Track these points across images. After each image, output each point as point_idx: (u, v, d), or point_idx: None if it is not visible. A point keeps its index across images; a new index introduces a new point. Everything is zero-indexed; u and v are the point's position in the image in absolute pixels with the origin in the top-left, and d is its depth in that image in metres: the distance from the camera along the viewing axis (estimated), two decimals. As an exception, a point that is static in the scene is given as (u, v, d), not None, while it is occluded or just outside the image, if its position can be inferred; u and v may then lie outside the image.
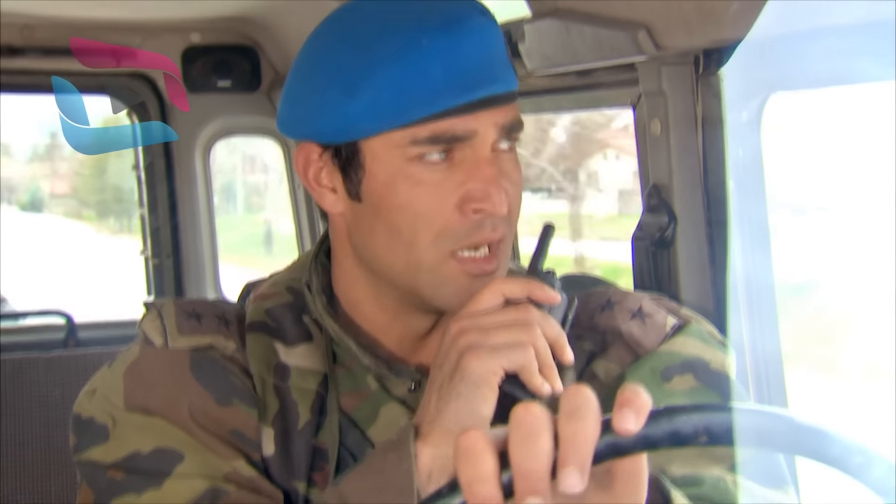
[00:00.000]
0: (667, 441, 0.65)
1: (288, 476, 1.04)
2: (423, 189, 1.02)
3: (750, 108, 1.35)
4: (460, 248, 1.02)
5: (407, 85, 1.00)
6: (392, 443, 0.94)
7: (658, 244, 1.42)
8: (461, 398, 0.92)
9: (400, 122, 1.01)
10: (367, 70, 1.02)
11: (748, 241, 1.39)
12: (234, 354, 1.09)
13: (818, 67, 1.16)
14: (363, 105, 1.02)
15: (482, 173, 1.01)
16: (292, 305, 1.12)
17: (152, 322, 1.09)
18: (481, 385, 0.92)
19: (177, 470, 1.01)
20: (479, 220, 1.02)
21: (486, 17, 1.04)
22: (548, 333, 0.94)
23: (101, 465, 1.03)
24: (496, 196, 1.00)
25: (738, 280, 1.40)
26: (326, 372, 1.08)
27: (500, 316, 0.94)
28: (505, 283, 0.96)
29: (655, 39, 1.29)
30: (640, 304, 1.11)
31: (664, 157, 1.40)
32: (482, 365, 0.92)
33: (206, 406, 1.04)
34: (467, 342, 0.93)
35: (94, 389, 1.09)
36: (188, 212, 2.87)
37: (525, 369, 0.92)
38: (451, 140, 1.01)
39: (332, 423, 1.06)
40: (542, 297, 0.96)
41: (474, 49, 1.01)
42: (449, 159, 1.02)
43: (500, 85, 1.02)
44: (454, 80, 1.00)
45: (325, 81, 1.04)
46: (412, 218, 1.02)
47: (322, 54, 1.05)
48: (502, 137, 1.03)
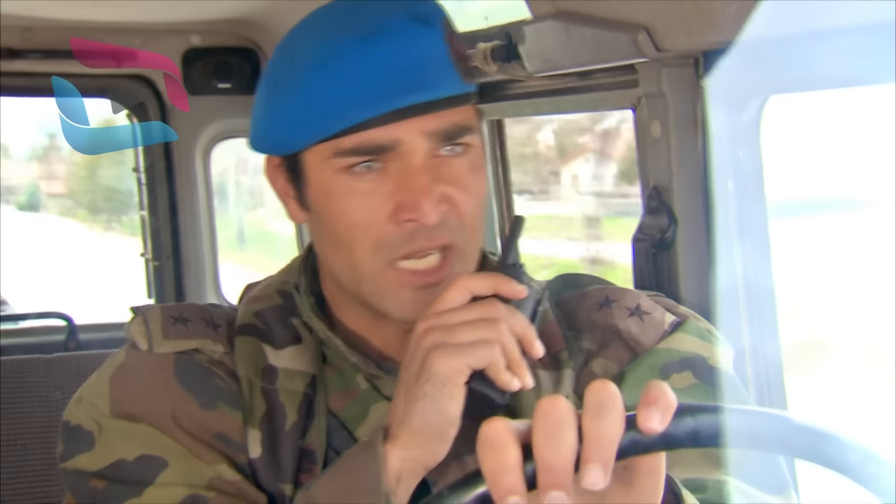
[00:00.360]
0: (688, 441, 0.66)
1: (275, 478, 1.04)
2: (356, 200, 1.02)
3: (749, 111, 1.35)
4: (398, 259, 1.02)
5: (327, 96, 1.00)
6: (362, 445, 0.94)
7: (658, 246, 1.42)
8: (427, 398, 0.92)
9: (324, 133, 1.01)
10: (291, 82, 1.03)
11: (748, 244, 1.39)
12: (221, 358, 1.09)
13: (818, 70, 1.16)
14: (290, 117, 1.03)
15: (412, 183, 1.00)
16: (282, 308, 1.12)
17: (138, 327, 1.10)
18: (447, 384, 0.91)
19: (159, 478, 1.00)
20: (413, 230, 1.01)
21: (421, 22, 1.02)
22: (515, 328, 0.93)
23: (86, 474, 1.03)
24: (426, 205, 0.99)
25: (738, 282, 1.40)
26: (314, 373, 1.08)
27: (466, 313, 0.93)
28: (471, 279, 0.96)
29: (656, 41, 1.29)
30: (637, 301, 1.11)
31: (664, 159, 1.40)
32: (447, 364, 0.91)
33: (189, 410, 1.04)
34: (432, 341, 0.93)
35: (81, 396, 1.09)
36: (188, 214, 2.87)
37: (492, 366, 0.92)
38: (377, 150, 1.00)
39: (319, 424, 1.06)
40: (508, 291, 0.95)
41: (396, 57, 1.00)
42: (381, 169, 1.01)
43: (426, 92, 1.00)
44: (374, 89, 0.99)
45: (264, 94, 1.07)
46: (348, 228, 1.02)
47: (268, 67, 1.08)
48: (439, 144, 1.02)
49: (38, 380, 2.45)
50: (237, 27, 2.73)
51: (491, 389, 0.93)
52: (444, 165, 1.02)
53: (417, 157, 1.01)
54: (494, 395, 0.93)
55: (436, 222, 1.00)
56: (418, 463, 0.92)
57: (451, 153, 1.03)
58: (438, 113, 1.01)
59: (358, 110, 1.00)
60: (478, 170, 1.06)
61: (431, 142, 1.01)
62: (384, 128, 1.00)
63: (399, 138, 1.00)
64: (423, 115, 1.00)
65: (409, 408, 0.93)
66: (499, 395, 0.93)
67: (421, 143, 1.01)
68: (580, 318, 1.13)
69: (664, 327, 1.09)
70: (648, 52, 1.30)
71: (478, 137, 1.07)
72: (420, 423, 0.92)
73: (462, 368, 0.91)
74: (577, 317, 1.14)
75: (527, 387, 0.93)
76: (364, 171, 1.01)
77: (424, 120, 1.00)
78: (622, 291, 1.14)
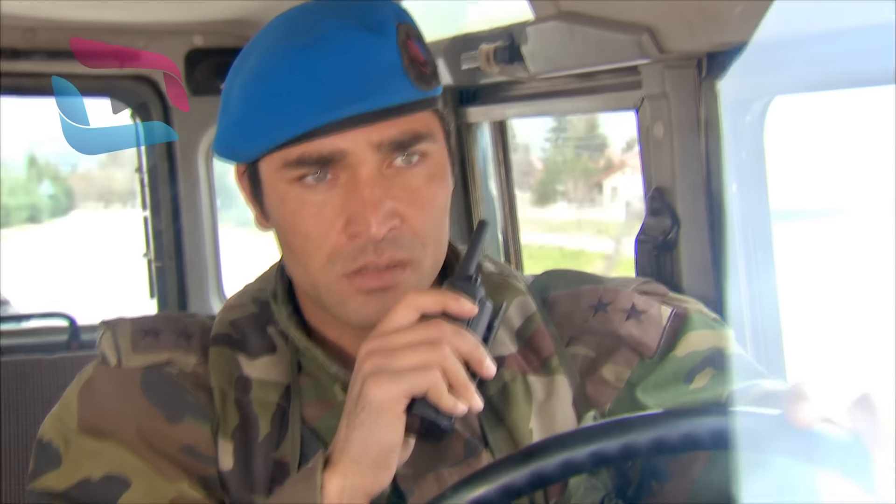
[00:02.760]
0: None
1: (247, 490, 1.03)
2: (308, 211, 1.00)
3: (753, 112, 1.35)
4: (351, 272, 1.00)
5: (270, 105, 0.99)
6: (303, 473, 0.92)
7: (661, 247, 1.42)
8: (364, 426, 0.88)
9: (269, 143, 1.00)
10: (240, 91, 1.02)
11: (751, 245, 1.39)
12: (194, 369, 1.07)
13: (822, 71, 1.16)
14: (239, 126, 1.02)
15: (359, 196, 0.98)
16: (257, 316, 1.11)
17: (107, 341, 1.09)
18: (383, 412, 0.88)
19: (121, 499, 0.99)
20: (363, 245, 0.99)
21: (370, 30, 1.00)
22: (461, 348, 0.89)
23: (51, 495, 1.02)
24: (372, 219, 0.97)
25: (741, 283, 1.40)
26: (289, 383, 1.07)
27: (408, 336, 0.89)
28: (418, 298, 0.92)
29: (658, 43, 1.29)
30: (631, 301, 1.10)
31: (667, 160, 1.40)
32: (383, 391, 0.88)
33: (155, 425, 1.03)
34: (371, 367, 0.89)
35: (53, 412, 1.08)
36: (191, 214, 2.87)
37: (432, 391, 0.88)
38: (321, 161, 0.99)
39: (293, 435, 1.04)
40: (455, 310, 0.91)
41: (338, 66, 0.98)
42: (332, 181, 1.00)
43: (371, 101, 0.97)
44: (316, 99, 0.97)
45: (222, 102, 1.06)
46: (303, 240, 1.01)
47: (227, 75, 1.07)
48: (390, 155, 0.99)
49: (41, 380, 2.45)
50: (240, 28, 2.73)
51: (435, 415, 0.88)
52: (397, 177, 1.00)
53: (365, 169, 0.98)
54: (439, 421, 0.89)
55: (382, 237, 0.98)
56: (359, 491, 0.90)
57: (406, 163, 1.00)
58: (387, 122, 0.98)
59: (300, 120, 0.98)
60: (436, 179, 1.02)
61: (380, 152, 0.99)
62: (329, 138, 0.98)
63: (344, 149, 0.98)
64: (369, 124, 0.98)
65: (348, 435, 0.90)
66: (444, 420, 0.89)
67: (368, 154, 0.98)
68: (576, 321, 1.12)
69: (663, 322, 1.09)
70: (651, 53, 1.30)
71: (436, 145, 1.03)
72: (358, 451, 0.89)
73: (397, 397, 0.88)
74: (572, 319, 1.12)
75: (475, 410, 0.89)
76: (314, 182, 1.00)
77: (371, 130, 0.98)
78: (614, 291, 1.12)
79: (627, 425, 0.78)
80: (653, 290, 1.13)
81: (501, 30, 1.74)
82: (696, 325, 1.09)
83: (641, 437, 0.76)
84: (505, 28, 1.73)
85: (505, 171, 2.17)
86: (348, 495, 0.89)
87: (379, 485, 0.90)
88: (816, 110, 1.47)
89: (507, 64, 1.67)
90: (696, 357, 1.07)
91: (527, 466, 0.76)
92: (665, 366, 1.08)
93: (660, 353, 1.08)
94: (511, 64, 1.66)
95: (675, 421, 0.76)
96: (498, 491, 0.75)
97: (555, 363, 1.09)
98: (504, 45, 1.67)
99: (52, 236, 17.87)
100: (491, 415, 1.07)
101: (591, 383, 1.09)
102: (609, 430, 0.77)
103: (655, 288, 1.14)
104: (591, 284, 1.15)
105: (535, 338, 1.11)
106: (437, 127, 1.04)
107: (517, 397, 1.07)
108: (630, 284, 1.14)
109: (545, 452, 0.77)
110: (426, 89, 1.02)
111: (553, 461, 0.76)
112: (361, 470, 0.89)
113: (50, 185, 20.09)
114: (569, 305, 1.14)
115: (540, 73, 1.58)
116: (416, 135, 1.00)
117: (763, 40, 1.12)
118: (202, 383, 1.07)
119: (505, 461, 0.78)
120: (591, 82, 1.60)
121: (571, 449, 0.76)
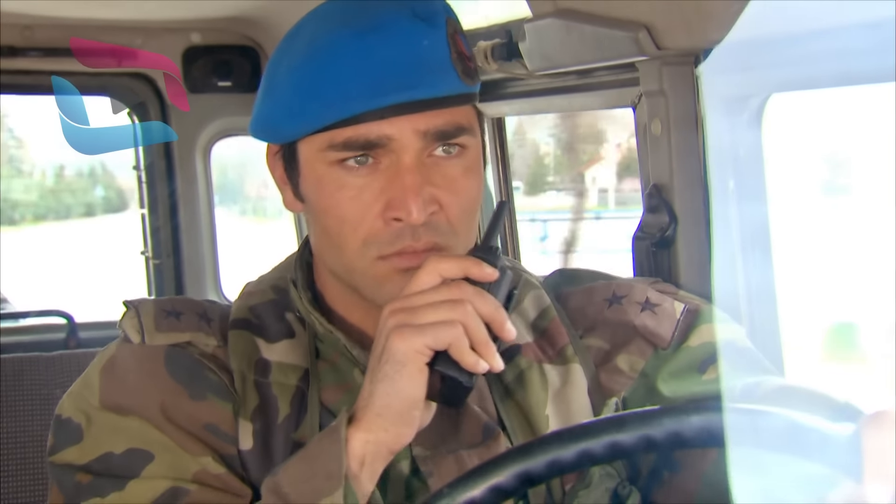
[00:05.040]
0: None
1: (267, 470, 1.03)
2: (347, 194, 1.02)
3: (750, 108, 1.35)
4: (387, 256, 1.02)
5: (320, 87, 1.01)
6: (328, 429, 0.94)
7: (659, 244, 1.42)
8: (387, 379, 0.91)
9: (316, 124, 1.02)
10: (288, 71, 1.04)
11: (749, 242, 1.40)
12: (214, 351, 1.09)
13: (819, 68, 1.16)
14: (284, 106, 1.04)
15: (400, 181, 1.00)
16: (276, 303, 1.13)
17: (130, 320, 1.10)
18: (407, 364, 0.90)
19: (144, 472, 1.00)
20: (400, 229, 1.01)
21: (423, 21, 1.02)
22: (482, 310, 0.92)
23: (73, 468, 1.03)
24: (413, 206, 0.99)
25: (738, 280, 1.40)
26: (307, 367, 1.08)
27: (431, 295, 0.93)
28: (441, 262, 0.95)
29: (656, 39, 1.29)
30: (646, 295, 1.14)
31: (665, 157, 1.40)
32: (406, 344, 0.90)
33: (178, 401, 1.04)
34: (395, 322, 0.92)
35: (73, 389, 1.09)
36: (188, 212, 2.87)
37: (454, 347, 0.91)
38: (366, 146, 1.00)
39: (312, 417, 1.06)
40: (477, 274, 0.94)
41: (392, 53, 1.00)
42: (373, 165, 1.02)
43: (420, 90, 1.00)
44: (367, 84, 0.99)
45: (265, 81, 1.08)
46: (339, 223, 1.03)
47: (272, 55, 1.08)
48: (432, 144, 1.02)
49: (39, 378, 2.44)
50: (237, 25, 2.73)
51: (457, 371, 0.91)
52: (437, 166, 1.02)
53: (408, 156, 1.00)
54: (461, 378, 0.91)
55: (422, 223, 1.00)
56: (382, 446, 0.92)
57: (446, 154, 1.03)
58: (433, 112, 1.01)
59: (350, 104, 0.99)
60: (472, 172, 1.05)
61: (424, 141, 1.01)
62: (376, 123, 1.00)
63: (390, 135, 1.00)
64: (416, 113, 1.00)
65: (371, 390, 0.92)
66: (465, 376, 0.91)
67: (413, 142, 1.00)
68: (590, 314, 1.15)
69: (676, 316, 1.12)
70: (649, 50, 1.30)
71: (475, 140, 1.06)
72: (381, 405, 0.91)
73: (421, 349, 0.90)
74: (585, 313, 1.15)
75: (495, 369, 0.92)
76: (356, 165, 1.02)
77: (417, 118, 1.00)
78: (628, 286, 1.16)
79: (646, 418, 0.79)
80: (663, 289, 1.16)
81: (499, 27, 1.74)
82: (708, 319, 1.11)
83: (657, 431, 0.77)
84: (502, 25, 1.73)
85: (502, 167, 2.17)
86: (372, 450, 0.92)
87: (401, 441, 0.93)
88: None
89: (504, 61, 1.67)
90: (710, 348, 1.09)
91: (545, 454, 0.77)
92: (679, 356, 1.10)
93: (674, 344, 1.11)
94: (509, 61, 1.66)
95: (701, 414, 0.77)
96: (514, 477, 0.76)
97: (569, 353, 1.12)
98: (502, 43, 1.67)
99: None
100: (508, 400, 1.09)
101: (606, 373, 1.12)
102: (626, 421, 0.79)
103: (665, 287, 1.17)
104: (604, 280, 1.18)
105: (549, 329, 1.14)
106: (475, 122, 1.07)
107: (533, 384, 1.10)
108: (642, 282, 1.18)
109: (563, 441, 0.78)
110: (470, 84, 1.04)
111: (570, 450, 0.77)
112: (385, 424, 0.92)
113: (102, 188, 22.04)
114: (582, 300, 1.17)
115: (538, 70, 1.57)
116: (459, 126, 1.03)
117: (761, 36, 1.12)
118: (222, 365, 1.08)
119: (525, 447, 0.79)
120: (588, 79, 1.60)
121: (590, 438, 0.78)
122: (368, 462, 0.92)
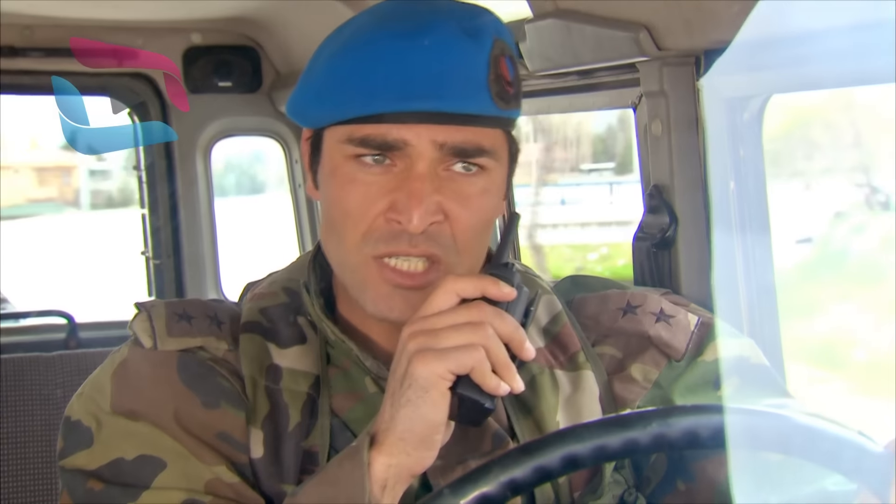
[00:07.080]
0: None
1: (277, 478, 1.04)
2: (355, 188, 1.02)
3: (751, 109, 1.35)
4: (382, 255, 1.02)
5: (348, 81, 1.01)
6: (348, 451, 0.93)
7: (659, 245, 1.42)
8: (410, 404, 0.90)
9: (337, 116, 1.02)
10: (325, 60, 1.04)
11: (749, 242, 1.39)
12: (225, 355, 1.08)
13: (819, 69, 1.16)
14: (316, 92, 1.04)
15: (408, 186, 1.00)
16: (287, 306, 1.12)
17: (142, 323, 1.09)
18: (430, 390, 0.90)
19: (156, 481, 1.00)
20: (398, 232, 1.00)
21: (468, 35, 1.01)
22: (502, 331, 0.91)
23: (84, 473, 1.02)
24: (415, 212, 0.98)
25: (738, 281, 1.40)
26: (318, 374, 1.07)
27: (451, 317, 0.91)
28: (458, 282, 0.93)
29: (656, 40, 1.29)
30: (660, 305, 1.14)
31: (665, 157, 1.40)
32: (429, 369, 0.89)
33: (192, 409, 1.04)
34: (416, 346, 0.91)
35: (83, 391, 1.08)
36: (189, 212, 2.87)
37: (476, 371, 0.90)
38: (383, 146, 1.00)
39: (322, 425, 1.05)
40: (495, 293, 0.93)
41: (426, 61, 0.99)
42: (388, 166, 1.01)
43: (447, 103, 0.99)
44: (394, 86, 0.99)
45: (308, 65, 1.08)
46: (343, 215, 1.03)
47: (322, 42, 1.09)
48: (450, 158, 1.01)
49: (39, 378, 2.44)
50: (238, 25, 2.73)
51: (478, 394, 0.90)
52: (452, 180, 1.01)
53: (422, 164, 1.00)
54: (482, 400, 0.91)
55: (420, 231, 0.99)
56: (404, 470, 0.91)
57: (465, 171, 1.02)
58: (455, 127, 1.00)
59: (374, 102, 1.00)
60: (488, 194, 1.04)
61: (440, 152, 1.00)
62: (395, 126, 1.00)
63: (407, 140, 1.00)
64: (437, 124, 0.99)
65: (393, 414, 0.91)
66: (487, 399, 0.91)
67: (428, 151, 1.00)
68: (604, 322, 1.15)
69: (691, 328, 1.12)
70: (649, 50, 1.30)
71: (499, 164, 1.04)
72: (404, 429, 0.90)
73: (444, 374, 0.90)
74: (599, 320, 1.15)
75: (516, 390, 0.91)
76: (371, 163, 1.02)
77: (437, 129, 1.00)
78: (642, 296, 1.15)
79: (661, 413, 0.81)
80: (676, 300, 1.17)
81: (499, 27, 1.74)
82: (722, 334, 1.12)
83: (672, 430, 0.77)
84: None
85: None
86: (394, 473, 0.91)
87: (423, 464, 0.92)
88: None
89: (505, 61, 1.66)
90: (726, 363, 1.09)
91: (559, 450, 0.78)
92: (694, 370, 1.11)
93: (688, 357, 1.12)
94: (509, 61, 1.66)
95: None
96: (531, 472, 0.78)
97: (581, 359, 1.12)
98: (502, 43, 1.67)
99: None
100: (518, 406, 1.09)
101: (619, 381, 1.11)
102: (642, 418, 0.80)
103: (677, 299, 1.18)
104: (618, 289, 1.18)
105: (561, 335, 1.13)
106: (503, 147, 1.06)
107: (545, 390, 1.09)
108: (655, 292, 1.18)
109: (578, 437, 0.80)
110: (503, 108, 1.03)
111: (586, 446, 0.78)
112: (407, 448, 0.91)
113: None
114: (596, 307, 1.16)
115: (538, 70, 1.57)
116: (479, 147, 1.01)
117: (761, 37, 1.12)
118: (233, 370, 1.08)
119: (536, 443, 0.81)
120: (589, 80, 1.60)
121: (606, 436, 0.79)
122: (390, 486, 0.91)
